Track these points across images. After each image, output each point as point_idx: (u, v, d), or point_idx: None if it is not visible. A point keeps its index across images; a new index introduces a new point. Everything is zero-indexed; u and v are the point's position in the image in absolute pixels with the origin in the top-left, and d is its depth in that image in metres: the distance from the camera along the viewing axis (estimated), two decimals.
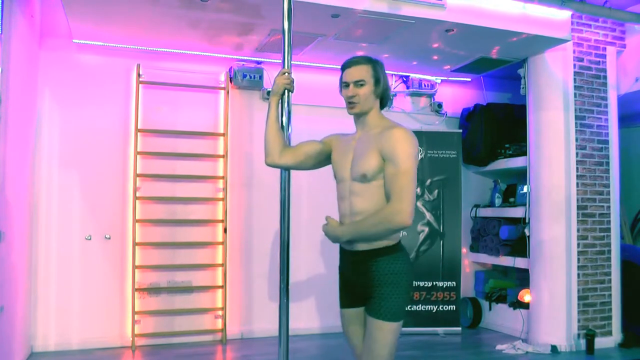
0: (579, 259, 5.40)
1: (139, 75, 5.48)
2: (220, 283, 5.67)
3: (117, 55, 5.49)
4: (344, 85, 2.54)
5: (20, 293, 4.65)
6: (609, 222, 5.57)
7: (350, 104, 2.53)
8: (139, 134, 5.48)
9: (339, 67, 2.57)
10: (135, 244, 5.38)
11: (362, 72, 2.49)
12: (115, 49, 5.42)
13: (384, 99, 2.57)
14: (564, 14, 5.19)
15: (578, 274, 5.40)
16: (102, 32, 5.06)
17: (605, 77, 5.64)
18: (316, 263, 6.02)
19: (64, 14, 4.60)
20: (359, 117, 2.57)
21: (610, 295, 5.53)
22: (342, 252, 2.59)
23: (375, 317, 2.39)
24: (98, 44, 5.33)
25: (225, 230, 5.67)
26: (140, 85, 5.50)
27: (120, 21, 4.78)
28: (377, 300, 2.40)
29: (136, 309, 5.35)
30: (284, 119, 2.80)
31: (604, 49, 5.63)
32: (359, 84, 2.49)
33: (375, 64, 2.53)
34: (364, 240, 2.43)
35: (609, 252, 5.56)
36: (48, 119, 5.31)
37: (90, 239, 5.37)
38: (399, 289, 2.41)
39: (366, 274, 2.43)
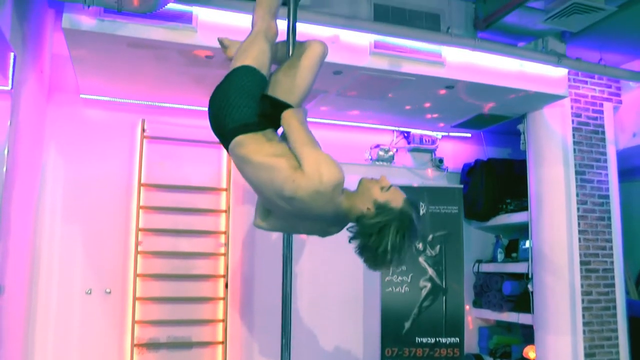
0: (584, 315, 5.32)
1: (143, 130, 5.56)
2: (220, 339, 5.57)
3: (123, 110, 5.58)
4: None
5: (18, 348, 4.58)
6: (613, 278, 5.51)
7: None
8: (142, 188, 5.52)
9: (340, 122, 2.62)
10: (135, 298, 5.33)
11: None
12: (121, 104, 5.53)
13: None
14: (561, 71, 5.29)
15: (584, 331, 5.30)
16: (109, 87, 5.17)
17: (603, 133, 5.70)
18: (318, 318, 5.93)
19: (73, 70, 4.72)
20: None
21: (617, 352, 5.41)
22: None
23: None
24: (104, 99, 5.44)
25: (226, 286, 5.63)
26: (144, 139, 5.58)
27: (126, 77, 4.89)
28: None
29: None
30: None
31: (601, 104, 5.71)
32: None
33: None
34: None
35: (615, 307, 5.47)
36: (52, 172, 5.35)
37: (90, 293, 5.32)
38: None
39: None
